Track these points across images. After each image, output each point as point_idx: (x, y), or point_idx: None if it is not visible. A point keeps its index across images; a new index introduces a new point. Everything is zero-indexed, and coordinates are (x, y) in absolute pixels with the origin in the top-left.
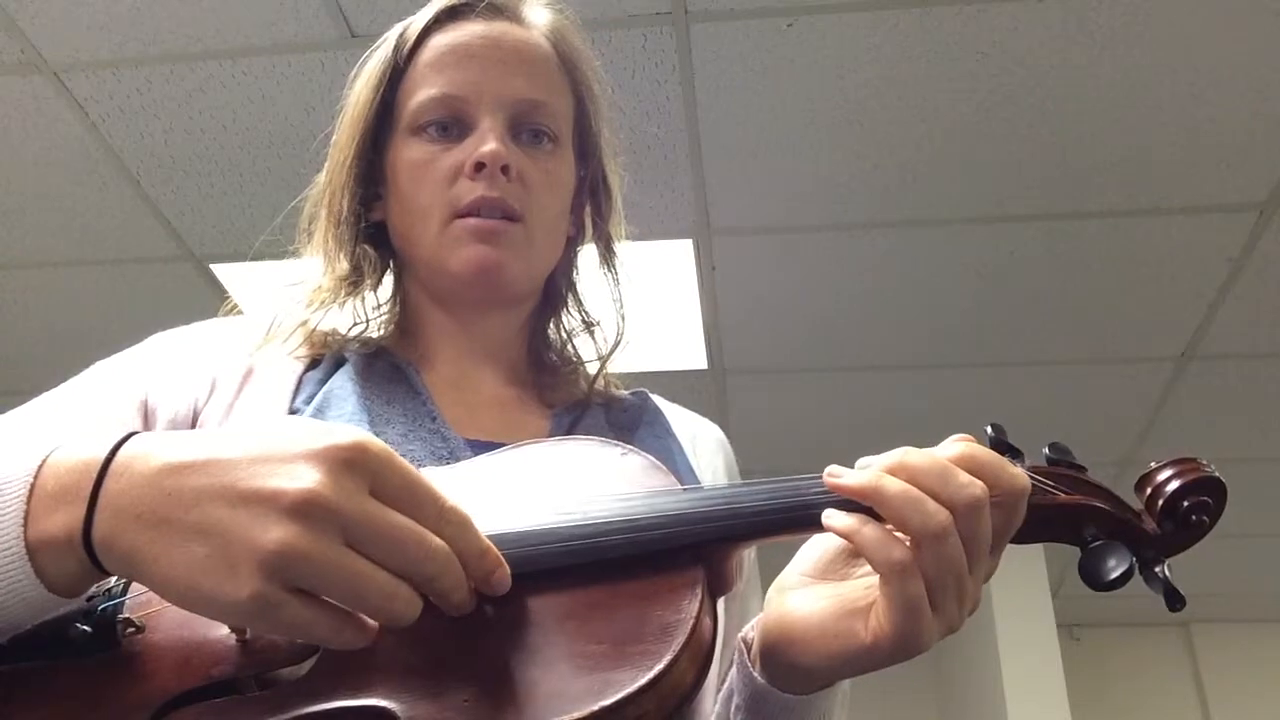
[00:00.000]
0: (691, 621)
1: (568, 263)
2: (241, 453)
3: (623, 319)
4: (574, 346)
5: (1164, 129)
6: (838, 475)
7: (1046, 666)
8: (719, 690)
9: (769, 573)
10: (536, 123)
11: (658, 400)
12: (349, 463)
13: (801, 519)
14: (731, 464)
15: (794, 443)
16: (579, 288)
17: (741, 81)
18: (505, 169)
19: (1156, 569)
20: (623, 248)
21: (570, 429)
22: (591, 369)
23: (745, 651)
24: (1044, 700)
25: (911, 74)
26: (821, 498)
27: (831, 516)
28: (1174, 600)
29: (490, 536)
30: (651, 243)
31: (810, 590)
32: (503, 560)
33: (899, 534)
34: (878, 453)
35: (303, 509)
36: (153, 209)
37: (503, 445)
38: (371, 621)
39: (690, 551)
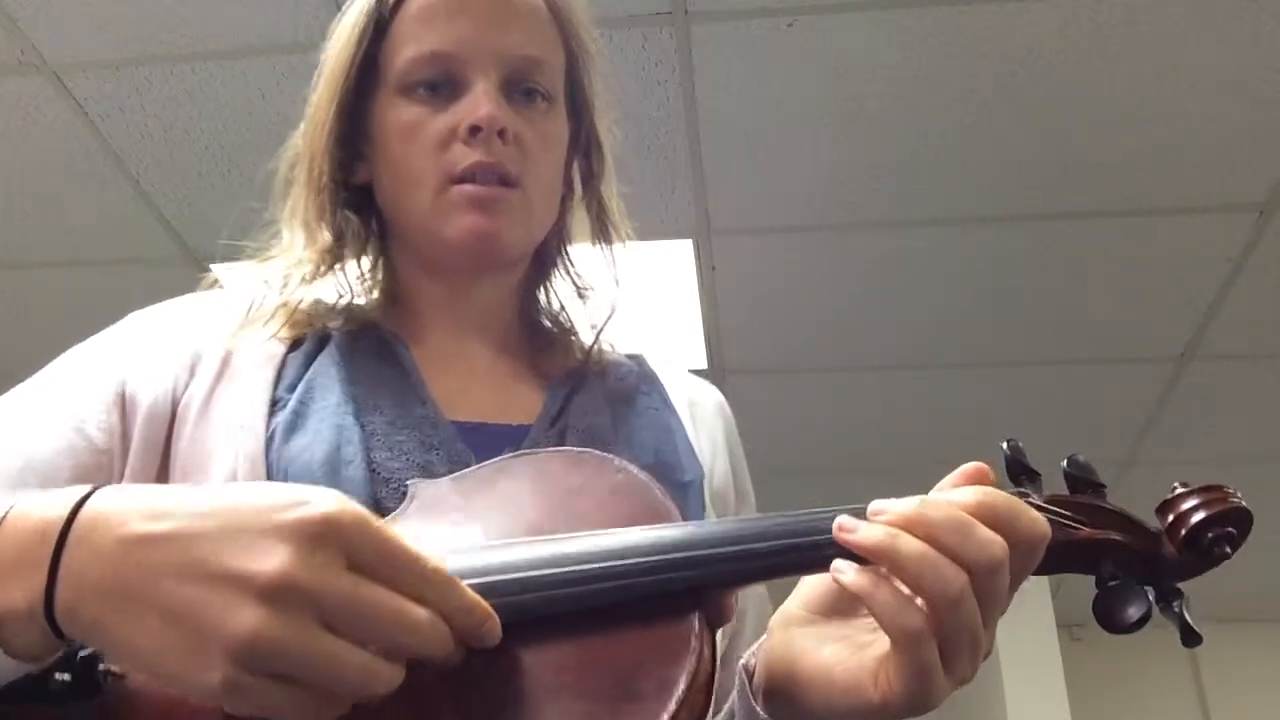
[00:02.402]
0: (688, 677)
1: (560, 223)
2: (208, 525)
3: (616, 282)
4: (567, 313)
5: (1164, 129)
6: (850, 530)
7: (1046, 666)
8: (718, 711)
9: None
10: (531, 81)
11: (655, 365)
12: (320, 537)
13: (810, 562)
14: (732, 430)
15: (794, 443)
16: (570, 249)
17: (741, 81)
18: (502, 133)
19: (1175, 604)
20: (616, 206)
21: (565, 403)
22: (586, 336)
23: (747, 682)
24: (1044, 700)
25: (911, 74)
26: (827, 537)
27: (844, 573)
28: (1190, 638)
29: (479, 585)
30: (651, 243)
31: (816, 630)
32: (491, 612)
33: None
34: (877, 452)
35: (273, 593)
36: (153, 209)
37: (495, 425)
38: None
39: (690, 595)
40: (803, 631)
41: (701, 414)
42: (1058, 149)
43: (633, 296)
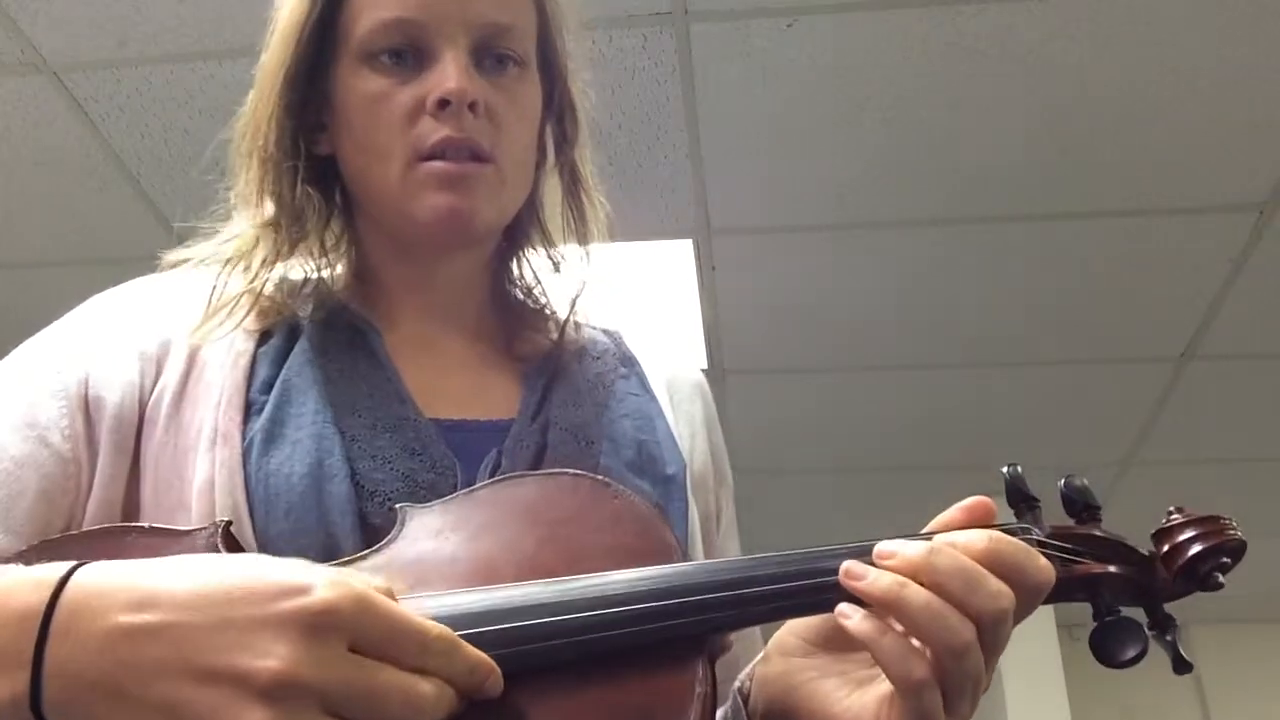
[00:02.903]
0: None
1: (532, 193)
2: (200, 617)
3: (587, 255)
4: (542, 286)
5: (1164, 129)
6: (857, 578)
7: (1046, 666)
8: None
9: None
10: (502, 47)
11: (631, 343)
12: (321, 628)
13: (816, 605)
14: (710, 410)
15: (794, 443)
16: (544, 218)
17: (741, 81)
18: (472, 105)
19: (1168, 635)
20: (589, 172)
21: (545, 393)
22: (563, 312)
23: (742, 706)
24: (1044, 700)
25: (912, 74)
26: (834, 579)
27: (850, 618)
28: (1180, 667)
29: (478, 635)
30: (651, 243)
31: (814, 662)
32: (494, 667)
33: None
34: (877, 452)
35: (276, 691)
36: (153, 209)
37: (475, 422)
38: None
39: (693, 641)
40: (801, 663)
41: (680, 395)
42: (1058, 149)
43: (605, 270)
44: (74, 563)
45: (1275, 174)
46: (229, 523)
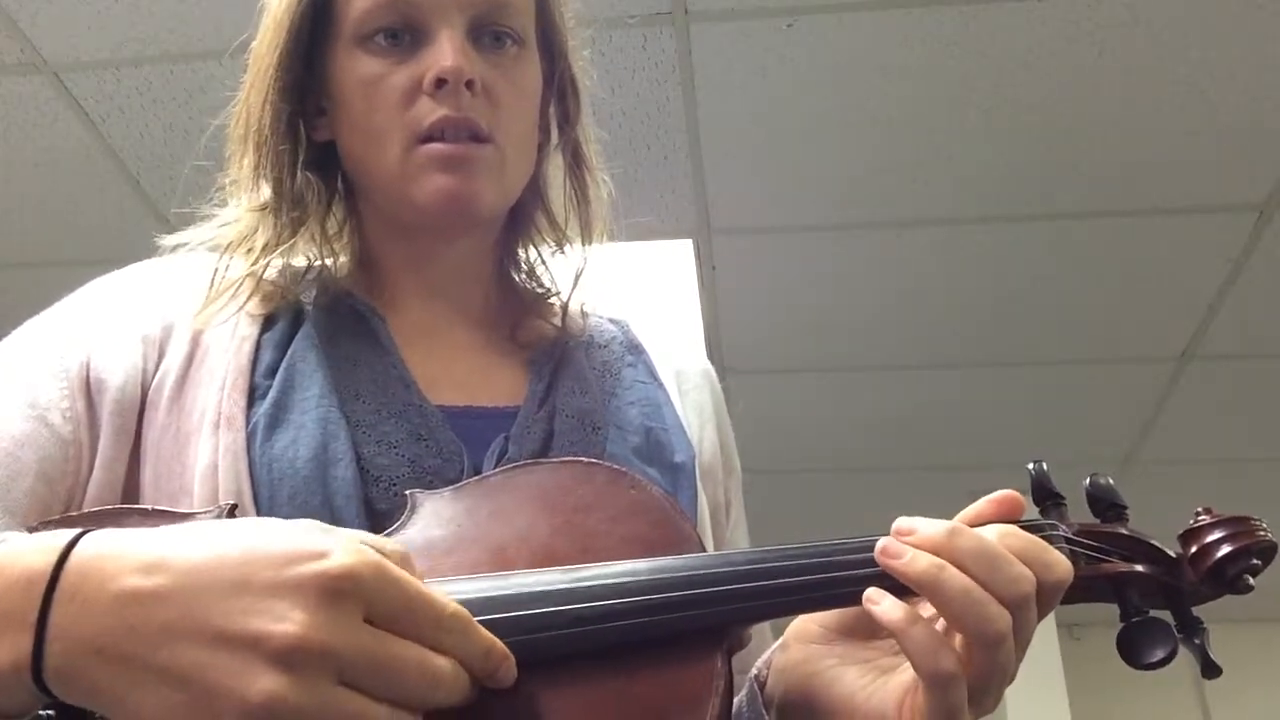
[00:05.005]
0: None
1: (536, 173)
2: (214, 580)
3: (585, 235)
4: (550, 271)
5: (1164, 129)
6: (894, 555)
7: (1046, 666)
8: None
9: None
10: (499, 24)
11: (639, 331)
12: (340, 594)
13: (843, 597)
14: (719, 399)
15: (794, 443)
16: (548, 199)
17: (741, 81)
18: (469, 84)
19: (1196, 638)
20: (592, 150)
21: (551, 380)
22: (564, 294)
23: (759, 693)
24: (1044, 700)
25: (911, 74)
26: (859, 572)
27: (878, 604)
28: (1209, 670)
29: (492, 621)
30: (651, 243)
31: (835, 650)
32: (507, 653)
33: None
34: (877, 452)
35: (290, 655)
36: (153, 209)
37: (480, 408)
38: None
39: (711, 634)
40: (821, 650)
41: (688, 384)
42: (1058, 149)
43: (606, 265)
44: (81, 529)
45: (1275, 174)
46: (234, 506)
